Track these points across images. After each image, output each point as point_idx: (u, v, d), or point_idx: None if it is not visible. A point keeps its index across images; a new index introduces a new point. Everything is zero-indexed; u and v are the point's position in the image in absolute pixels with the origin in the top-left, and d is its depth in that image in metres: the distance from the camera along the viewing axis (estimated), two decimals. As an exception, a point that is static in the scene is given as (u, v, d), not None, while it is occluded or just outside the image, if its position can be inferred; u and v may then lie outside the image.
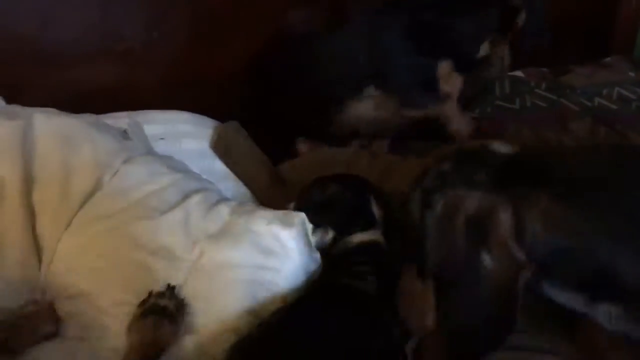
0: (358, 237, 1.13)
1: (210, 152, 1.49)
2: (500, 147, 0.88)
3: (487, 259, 0.72)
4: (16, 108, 1.27)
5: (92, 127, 1.24)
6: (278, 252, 1.07)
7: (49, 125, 1.18)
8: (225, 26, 1.67)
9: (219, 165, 1.47)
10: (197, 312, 0.99)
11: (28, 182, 1.09)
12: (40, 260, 1.06)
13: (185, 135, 1.49)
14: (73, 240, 1.06)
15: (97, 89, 1.54)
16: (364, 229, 1.14)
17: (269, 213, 1.13)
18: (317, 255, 1.13)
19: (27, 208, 1.07)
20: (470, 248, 0.73)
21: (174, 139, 1.46)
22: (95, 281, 1.02)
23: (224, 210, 1.15)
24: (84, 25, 1.54)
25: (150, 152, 1.33)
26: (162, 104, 1.53)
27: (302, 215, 1.13)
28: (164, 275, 1.01)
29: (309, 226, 1.13)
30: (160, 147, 1.40)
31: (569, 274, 0.79)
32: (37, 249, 1.06)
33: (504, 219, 0.74)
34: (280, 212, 1.14)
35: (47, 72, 1.52)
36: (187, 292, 1.00)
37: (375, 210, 1.17)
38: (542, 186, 0.79)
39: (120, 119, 1.38)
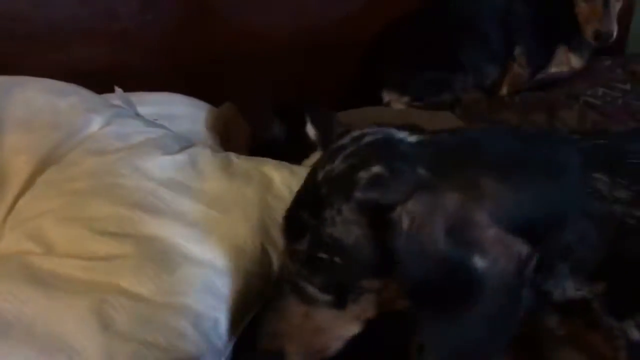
0: None
1: (203, 134, 1.47)
2: (404, 135, 0.76)
3: (479, 262, 0.59)
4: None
5: (79, 87, 1.22)
6: (287, 199, 1.05)
7: (34, 82, 1.16)
8: (220, 10, 1.67)
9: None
10: (212, 245, 0.95)
11: None
12: None
13: (178, 117, 1.46)
14: (60, 174, 1.00)
15: (90, 69, 1.51)
16: None
17: (278, 162, 1.14)
18: None
19: None
20: (458, 254, 0.61)
21: (167, 121, 1.42)
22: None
23: (231, 155, 1.14)
24: (77, 5, 1.53)
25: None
26: (155, 86, 1.50)
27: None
28: (174, 205, 0.97)
29: None
30: (153, 128, 1.37)
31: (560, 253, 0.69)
32: None
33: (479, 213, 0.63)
34: (289, 165, 1.14)
35: (39, 52, 1.51)
36: (201, 224, 0.97)
37: None
38: (480, 169, 0.67)
39: (113, 100, 1.36)
